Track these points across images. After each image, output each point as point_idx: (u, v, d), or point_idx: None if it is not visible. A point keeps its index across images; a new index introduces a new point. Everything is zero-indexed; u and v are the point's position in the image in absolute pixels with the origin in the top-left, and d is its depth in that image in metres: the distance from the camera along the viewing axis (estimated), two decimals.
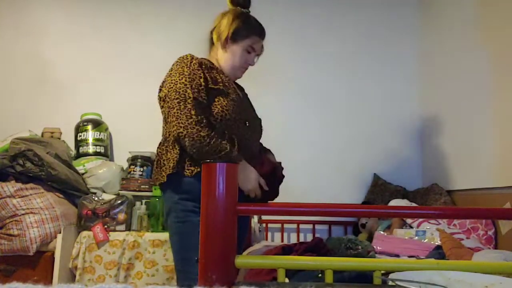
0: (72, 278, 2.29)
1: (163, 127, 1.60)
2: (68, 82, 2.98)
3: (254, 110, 1.75)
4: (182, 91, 1.47)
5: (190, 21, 3.01)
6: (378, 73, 2.99)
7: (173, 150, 1.52)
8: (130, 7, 3.04)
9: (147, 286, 0.41)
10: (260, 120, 1.76)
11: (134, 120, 2.89)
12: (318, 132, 2.95)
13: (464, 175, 2.40)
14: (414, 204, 2.48)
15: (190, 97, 1.46)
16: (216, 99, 1.52)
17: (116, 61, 3.00)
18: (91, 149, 2.71)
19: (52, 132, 2.79)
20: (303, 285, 0.70)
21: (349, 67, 3.00)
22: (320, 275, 1.40)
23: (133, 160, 2.63)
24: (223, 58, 1.65)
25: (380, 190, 2.79)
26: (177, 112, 1.46)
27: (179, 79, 1.49)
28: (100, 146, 2.75)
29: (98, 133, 2.76)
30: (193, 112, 1.45)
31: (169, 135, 1.53)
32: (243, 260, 0.82)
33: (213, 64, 1.62)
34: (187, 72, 1.50)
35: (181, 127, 1.44)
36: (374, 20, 3.02)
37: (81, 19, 3.03)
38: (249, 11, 1.71)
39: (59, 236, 2.22)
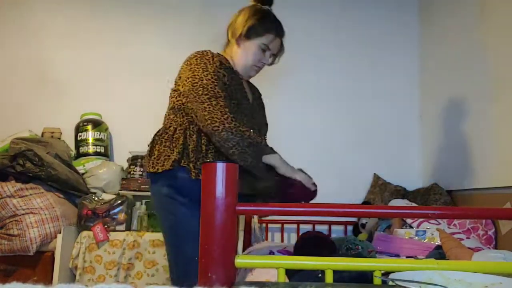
0: (72, 278, 2.29)
1: (167, 116, 1.56)
2: (68, 82, 2.98)
3: (264, 115, 1.71)
4: (211, 88, 1.43)
5: (191, 22, 3.01)
6: (378, 73, 2.99)
7: (172, 145, 1.48)
8: (130, 8, 3.04)
9: (147, 286, 0.41)
10: (267, 126, 1.71)
11: (134, 120, 2.89)
12: (318, 132, 2.95)
13: (464, 175, 2.39)
14: (414, 204, 2.48)
15: (221, 96, 1.43)
16: None
17: (116, 61, 3.00)
18: (91, 149, 2.71)
19: (52, 132, 2.79)
20: (303, 285, 0.70)
21: (349, 68, 3.00)
22: (320, 275, 1.39)
23: (133, 160, 2.63)
24: (237, 55, 1.60)
25: (380, 190, 2.79)
26: (209, 107, 1.40)
27: (204, 76, 1.45)
28: (100, 146, 2.75)
29: (98, 133, 2.76)
30: (227, 110, 1.41)
31: (170, 126, 1.51)
32: (243, 260, 0.82)
33: (228, 62, 1.58)
34: (211, 69, 1.47)
35: (216, 121, 1.39)
36: (375, 23, 3.02)
37: (81, 20, 3.03)
38: (270, 9, 1.64)
39: (59, 236, 2.22)
